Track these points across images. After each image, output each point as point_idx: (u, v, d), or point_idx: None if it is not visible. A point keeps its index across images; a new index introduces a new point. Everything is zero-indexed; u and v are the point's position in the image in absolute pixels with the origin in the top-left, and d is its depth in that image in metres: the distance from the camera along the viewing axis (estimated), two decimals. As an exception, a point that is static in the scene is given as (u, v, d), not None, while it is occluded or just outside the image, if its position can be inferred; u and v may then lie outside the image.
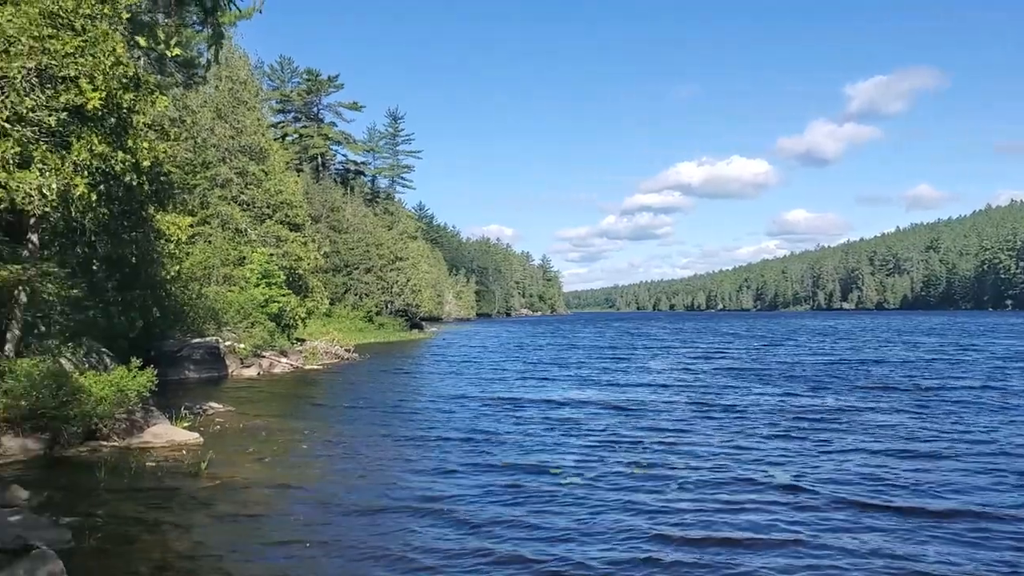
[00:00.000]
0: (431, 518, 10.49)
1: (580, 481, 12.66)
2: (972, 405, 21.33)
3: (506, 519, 10.47)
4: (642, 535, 9.78)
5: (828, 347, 50.61)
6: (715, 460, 14.32)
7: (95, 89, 13.18)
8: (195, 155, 35.82)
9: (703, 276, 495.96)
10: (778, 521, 10.36)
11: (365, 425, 18.82)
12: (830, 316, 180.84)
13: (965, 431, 17.19)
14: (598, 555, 9.03)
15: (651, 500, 11.47)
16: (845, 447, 15.52)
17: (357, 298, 69.29)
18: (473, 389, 26.83)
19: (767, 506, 11.14)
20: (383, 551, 9.00)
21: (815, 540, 9.53)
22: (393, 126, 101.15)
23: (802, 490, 11.92)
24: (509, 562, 8.81)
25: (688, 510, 10.93)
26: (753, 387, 26.72)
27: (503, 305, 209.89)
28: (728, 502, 11.37)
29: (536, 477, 12.95)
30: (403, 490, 12.06)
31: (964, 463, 13.87)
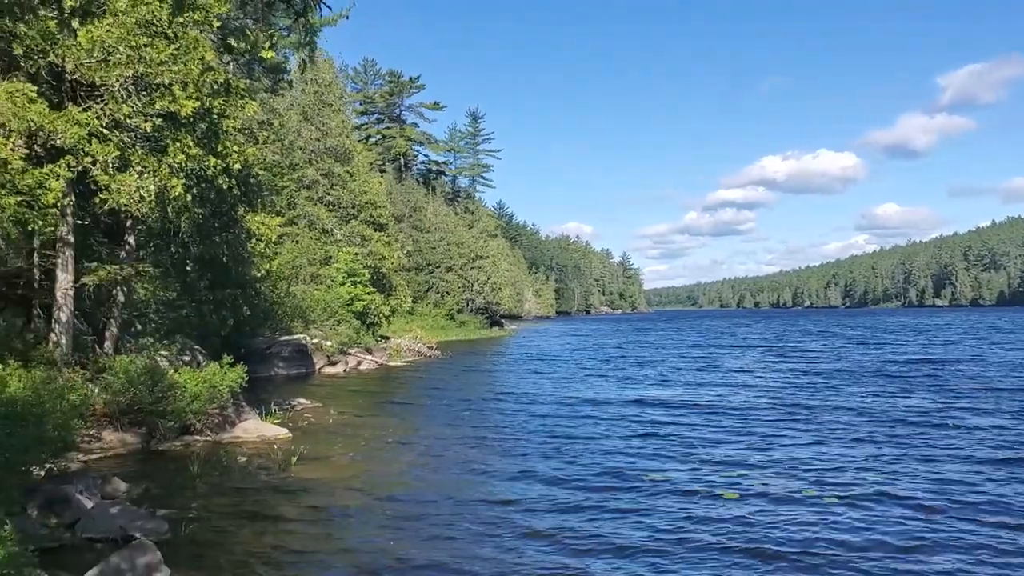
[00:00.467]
0: (514, 523, 10.43)
1: (667, 488, 12.49)
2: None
3: (586, 530, 10.39)
4: (731, 551, 9.60)
5: (933, 346, 48.88)
6: (810, 473, 13.96)
7: (188, 96, 13.60)
8: (282, 157, 36.67)
9: (789, 272, 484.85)
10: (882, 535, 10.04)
11: (448, 423, 18.96)
12: (924, 313, 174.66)
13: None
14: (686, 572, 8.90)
15: (727, 512, 11.25)
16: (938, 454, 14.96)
17: (439, 296, 70.01)
18: (553, 388, 26.79)
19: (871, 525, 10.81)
20: (466, 553, 9.01)
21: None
22: (473, 126, 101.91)
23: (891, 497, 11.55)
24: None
25: (761, 522, 10.68)
26: (858, 391, 25.98)
27: (582, 303, 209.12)
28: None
29: (619, 483, 12.74)
30: (486, 492, 12.06)
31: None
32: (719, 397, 23.74)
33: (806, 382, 27.74)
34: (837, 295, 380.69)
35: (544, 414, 20.31)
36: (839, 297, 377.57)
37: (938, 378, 28.27)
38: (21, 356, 13.11)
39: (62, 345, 14.71)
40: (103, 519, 9.48)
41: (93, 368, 15.19)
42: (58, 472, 11.49)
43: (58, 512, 9.79)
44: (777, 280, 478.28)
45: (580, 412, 20.78)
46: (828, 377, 29.44)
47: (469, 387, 27.68)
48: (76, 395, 12.59)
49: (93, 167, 13.26)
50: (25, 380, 11.22)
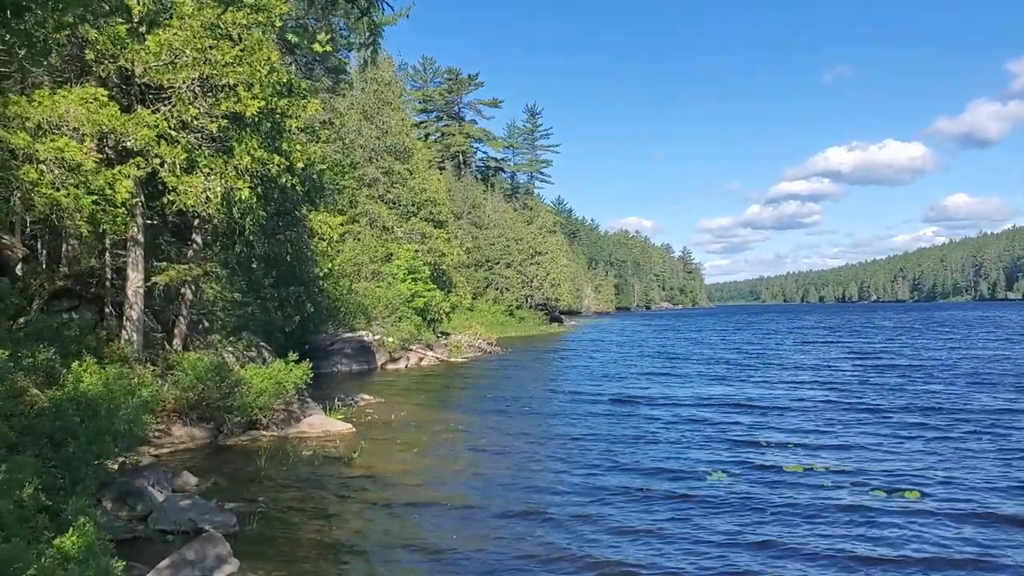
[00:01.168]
0: (574, 524, 10.33)
1: (726, 495, 12.32)
2: None
3: (643, 528, 10.30)
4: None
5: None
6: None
7: (253, 96, 13.84)
8: (343, 156, 37.13)
9: (854, 266, 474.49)
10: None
11: (509, 420, 18.98)
12: (995, 307, 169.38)
13: None
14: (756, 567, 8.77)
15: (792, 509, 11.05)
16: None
17: (498, 292, 70.18)
18: (612, 385, 26.65)
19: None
20: (525, 553, 8.97)
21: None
22: (531, 122, 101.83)
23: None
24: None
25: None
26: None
27: (642, 298, 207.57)
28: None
29: (674, 483, 12.60)
30: (547, 493, 11.94)
31: None
32: (777, 402, 23.34)
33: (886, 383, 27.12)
34: (905, 289, 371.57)
35: (601, 412, 20.20)
36: (907, 291, 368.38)
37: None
38: (94, 353, 13.48)
39: (133, 342, 15.11)
40: (174, 512, 9.71)
41: (163, 365, 15.57)
42: (131, 466, 11.81)
43: (131, 504, 10.06)
44: (842, 274, 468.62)
45: (639, 411, 20.58)
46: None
47: (528, 384, 27.68)
48: (147, 391, 12.90)
49: (161, 168, 13.59)
50: (98, 376, 11.54)
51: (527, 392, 24.67)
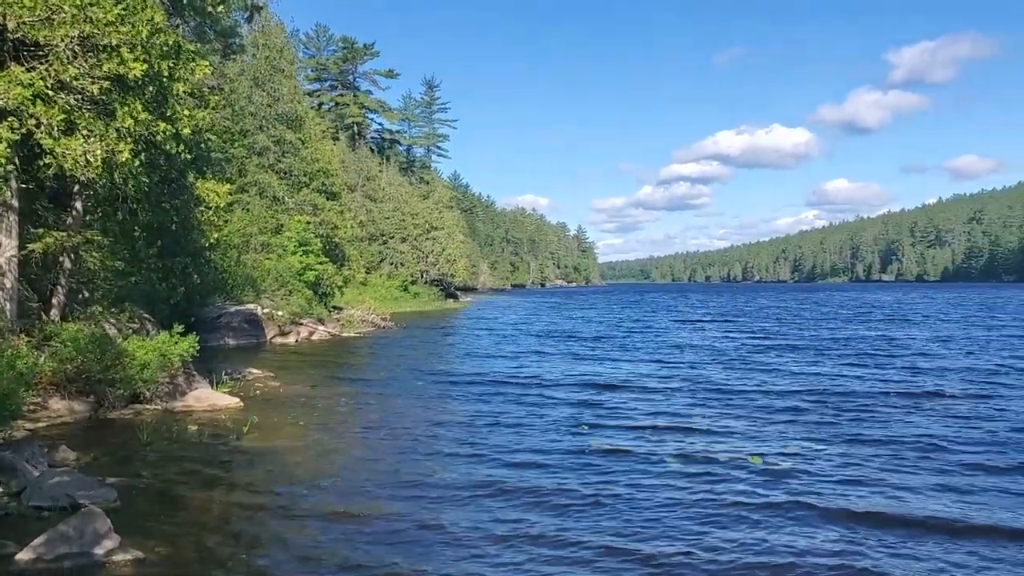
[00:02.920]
0: (460, 492, 10.53)
1: (602, 459, 12.69)
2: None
3: (521, 487, 10.56)
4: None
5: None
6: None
7: (136, 58, 13.28)
8: (233, 123, 36.04)
9: (740, 247, 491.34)
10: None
11: (400, 395, 18.98)
12: (870, 288, 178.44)
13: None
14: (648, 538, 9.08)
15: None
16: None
17: (393, 267, 69.67)
18: (500, 362, 26.91)
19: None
20: (414, 523, 9.01)
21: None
22: (429, 94, 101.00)
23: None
24: (534, 536, 8.89)
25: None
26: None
27: (538, 276, 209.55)
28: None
29: (545, 456, 12.94)
30: (434, 463, 12.12)
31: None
32: (666, 377, 24.10)
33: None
34: (786, 270, 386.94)
35: (494, 389, 20.18)
36: (788, 272, 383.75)
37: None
38: (-37, 323, 12.82)
39: (7, 312, 14.40)
40: (50, 487, 9.36)
41: (40, 336, 14.91)
42: (3, 441, 11.31)
43: (3, 481, 9.64)
44: (728, 255, 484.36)
45: (527, 388, 20.82)
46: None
47: (420, 359, 27.70)
48: (22, 363, 12.36)
49: (37, 130, 12.91)
50: (-32, 347, 10.99)
51: (417, 367, 24.65)
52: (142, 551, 7.78)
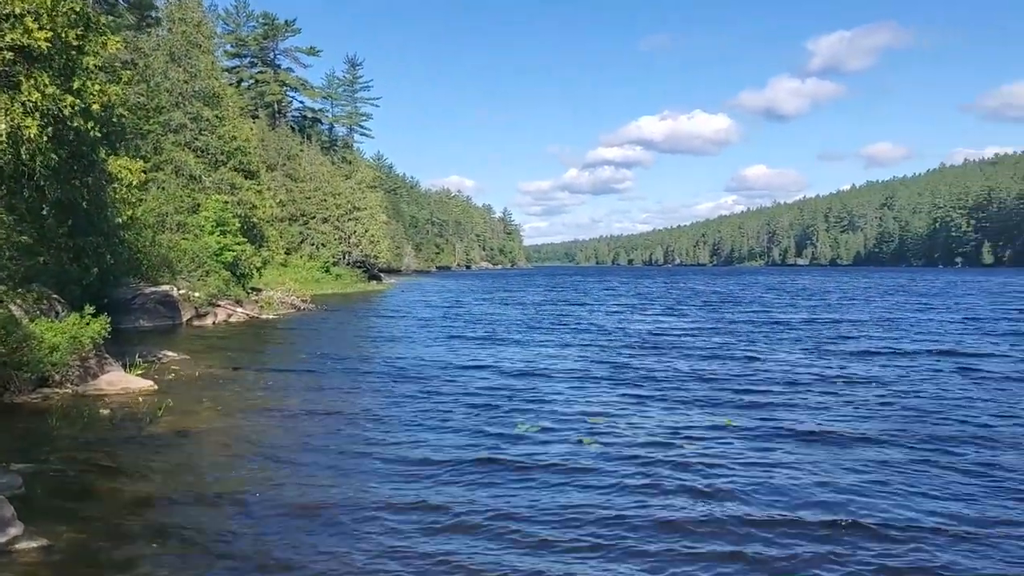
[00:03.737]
0: (376, 471, 10.59)
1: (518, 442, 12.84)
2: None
3: (442, 466, 10.65)
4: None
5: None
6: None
7: (41, 28, 12.77)
8: (148, 99, 34.93)
9: (661, 231, 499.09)
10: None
11: (319, 376, 18.85)
12: (786, 271, 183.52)
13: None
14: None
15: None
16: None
17: (314, 248, 68.70)
18: (423, 347, 26.80)
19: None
20: (332, 510, 8.89)
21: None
22: (351, 72, 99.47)
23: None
24: (450, 515, 8.97)
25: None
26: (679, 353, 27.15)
27: (463, 258, 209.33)
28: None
29: (470, 438, 13.06)
30: (350, 442, 12.12)
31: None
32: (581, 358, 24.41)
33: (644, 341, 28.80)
34: (706, 254, 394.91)
35: (410, 372, 19.97)
36: (707, 255, 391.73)
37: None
38: None
39: (-98, 292, 13.77)
40: (-49, 474, 9.04)
41: (-62, 317, 14.31)
42: (-100, 426, 10.86)
43: (-100, 467, 9.27)
44: (650, 238, 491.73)
45: (446, 372, 20.91)
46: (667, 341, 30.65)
47: (341, 342, 27.49)
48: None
49: (-65, 102, 12.35)
50: None
51: (337, 349, 24.47)
52: (48, 538, 7.59)
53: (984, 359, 21.73)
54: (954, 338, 27.44)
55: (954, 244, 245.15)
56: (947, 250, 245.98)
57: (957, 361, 21.23)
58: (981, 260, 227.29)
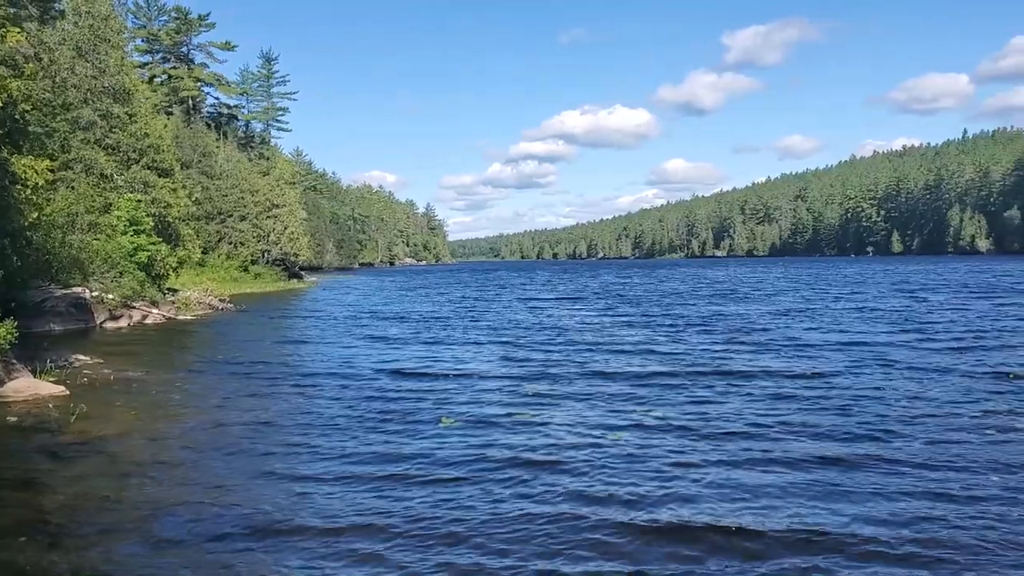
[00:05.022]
0: (292, 473, 10.50)
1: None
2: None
3: (354, 457, 10.67)
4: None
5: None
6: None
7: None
8: (54, 95, 33.76)
9: (585, 225, 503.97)
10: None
11: (237, 379, 18.53)
12: (706, 263, 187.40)
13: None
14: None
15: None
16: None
17: (232, 247, 67.35)
18: (345, 348, 26.53)
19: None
20: (249, 516, 8.70)
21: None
22: (267, 67, 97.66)
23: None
24: (363, 512, 9.00)
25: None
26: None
27: (386, 254, 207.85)
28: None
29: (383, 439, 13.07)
30: (271, 448, 11.91)
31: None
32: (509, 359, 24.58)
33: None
34: (628, 247, 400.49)
35: (331, 374, 19.58)
36: (630, 248, 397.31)
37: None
38: None
39: None
40: None
41: None
42: None
43: None
44: (574, 232, 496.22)
45: (368, 374, 20.80)
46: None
47: (260, 341, 27.12)
48: None
49: None
50: None
51: (255, 350, 24.10)
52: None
53: (873, 347, 22.61)
54: (852, 327, 28.46)
55: (865, 234, 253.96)
56: (858, 240, 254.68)
57: (860, 351, 21.99)
58: (891, 249, 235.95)
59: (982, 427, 12.19)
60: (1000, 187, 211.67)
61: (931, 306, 36.52)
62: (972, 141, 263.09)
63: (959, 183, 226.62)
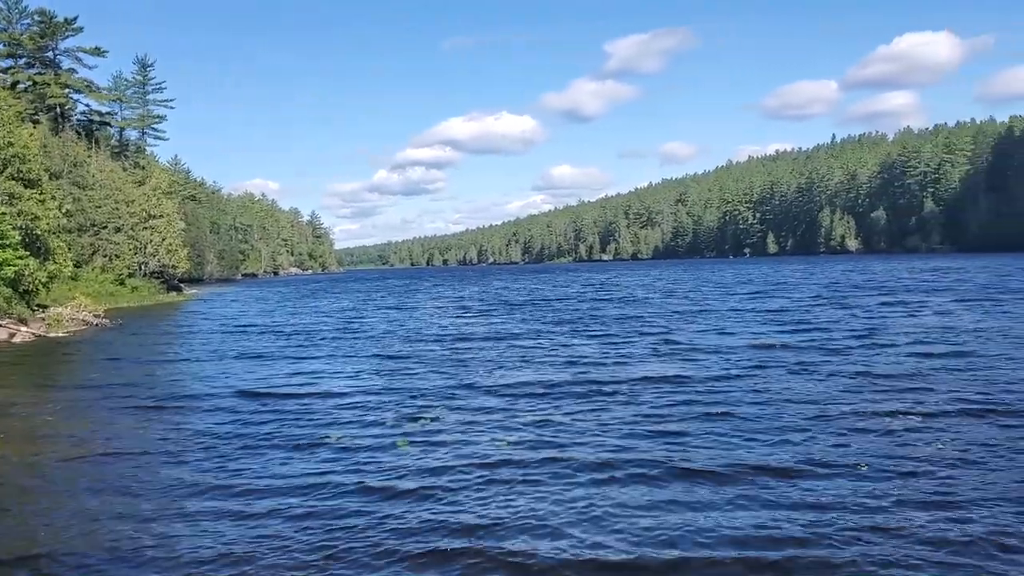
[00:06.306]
0: (170, 495, 10.36)
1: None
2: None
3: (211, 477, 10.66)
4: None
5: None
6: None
7: None
8: (-96, 104, 31.91)
9: (474, 231, 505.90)
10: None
11: (113, 402, 17.75)
12: (595, 267, 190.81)
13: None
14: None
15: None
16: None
17: (107, 260, 64.76)
18: (220, 360, 25.98)
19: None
20: (124, 551, 8.35)
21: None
22: (142, 73, 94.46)
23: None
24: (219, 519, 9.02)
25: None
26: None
27: (270, 264, 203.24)
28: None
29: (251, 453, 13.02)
30: (146, 470, 11.66)
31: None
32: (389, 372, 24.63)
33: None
34: (518, 252, 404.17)
35: (211, 395, 18.93)
36: (519, 253, 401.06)
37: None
38: None
39: None
40: None
41: None
42: None
43: None
44: (463, 238, 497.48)
45: (248, 394, 20.57)
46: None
47: (133, 360, 26.17)
48: None
49: None
50: None
51: (131, 371, 22.93)
52: None
53: (750, 350, 23.78)
54: (733, 328, 29.78)
55: (742, 236, 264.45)
56: (736, 241, 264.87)
57: (737, 354, 23.08)
58: (767, 250, 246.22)
59: (849, 430, 12.72)
60: (867, 189, 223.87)
61: (804, 305, 38.49)
62: (841, 145, 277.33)
63: (829, 186, 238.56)
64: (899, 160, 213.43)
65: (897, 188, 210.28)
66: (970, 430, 12.07)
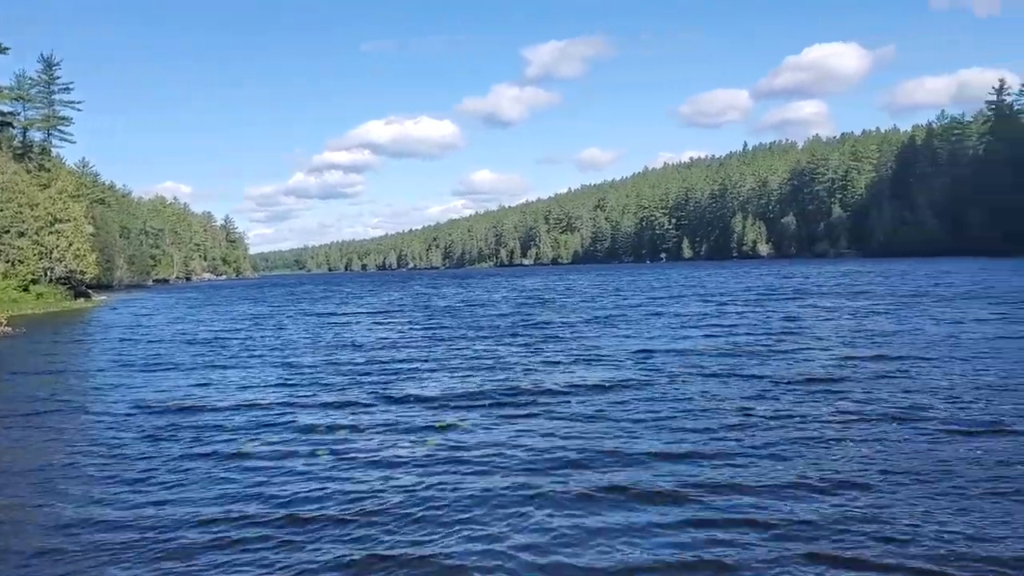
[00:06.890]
0: (91, 513, 9.91)
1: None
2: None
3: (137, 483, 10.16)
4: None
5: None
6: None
7: None
8: None
9: (394, 236, 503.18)
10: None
11: (17, 417, 17.02)
12: (516, 272, 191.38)
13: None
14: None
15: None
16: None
17: (9, 265, 61.95)
18: (122, 374, 25.05)
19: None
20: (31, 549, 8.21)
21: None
22: (48, 73, 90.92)
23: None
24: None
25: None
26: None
27: (183, 269, 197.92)
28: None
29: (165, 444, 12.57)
30: (58, 484, 11.24)
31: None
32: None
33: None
34: (438, 257, 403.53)
35: (124, 409, 18.40)
36: (440, 259, 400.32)
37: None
38: None
39: None
40: None
41: None
42: None
43: None
44: (383, 243, 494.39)
45: (164, 408, 19.83)
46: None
47: (42, 371, 25.01)
48: None
49: None
50: None
51: (33, 385, 21.57)
52: None
53: (669, 355, 24.00)
54: (650, 334, 30.05)
55: (659, 241, 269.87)
56: (653, 246, 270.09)
57: (656, 359, 23.24)
58: (682, 255, 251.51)
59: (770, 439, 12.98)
60: (777, 195, 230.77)
61: (724, 309, 39.15)
62: (752, 153, 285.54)
63: (741, 192, 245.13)
64: (808, 167, 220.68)
65: (806, 195, 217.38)
66: (892, 433, 12.25)
